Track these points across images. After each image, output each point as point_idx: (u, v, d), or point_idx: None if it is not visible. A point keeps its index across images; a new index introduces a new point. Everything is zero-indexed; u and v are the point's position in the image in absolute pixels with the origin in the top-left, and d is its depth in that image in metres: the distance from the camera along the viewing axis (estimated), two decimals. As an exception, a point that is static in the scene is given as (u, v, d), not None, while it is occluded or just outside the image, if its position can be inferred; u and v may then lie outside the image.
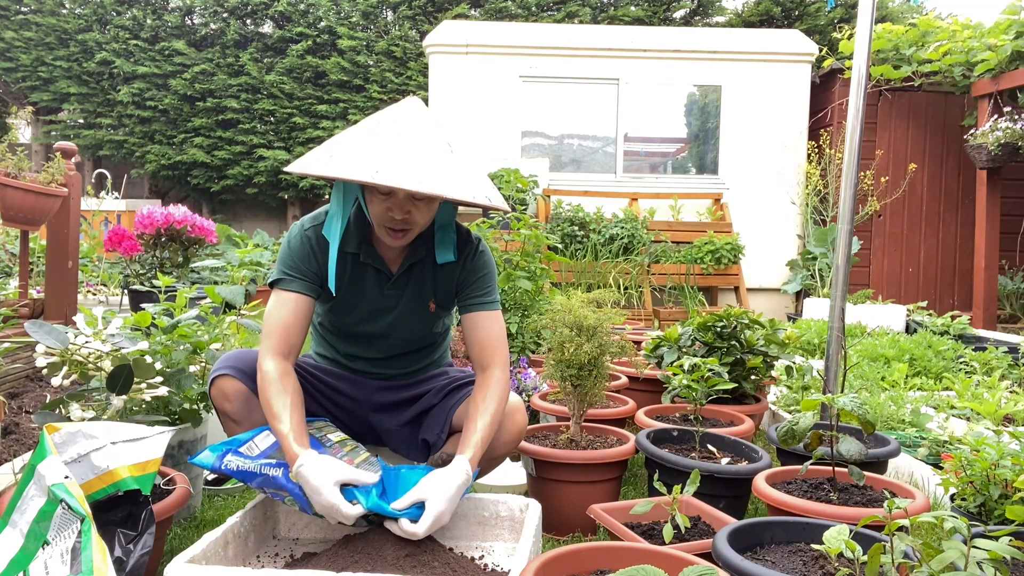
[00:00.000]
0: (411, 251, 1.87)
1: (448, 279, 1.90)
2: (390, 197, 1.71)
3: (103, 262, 6.24)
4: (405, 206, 1.71)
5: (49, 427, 1.52)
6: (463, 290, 1.89)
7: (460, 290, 1.90)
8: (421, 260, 1.88)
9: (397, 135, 1.65)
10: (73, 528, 1.30)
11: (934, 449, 2.55)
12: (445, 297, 1.92)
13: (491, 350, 1.82)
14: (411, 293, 1.89)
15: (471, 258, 1.90)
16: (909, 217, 7.03)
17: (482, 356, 1.82)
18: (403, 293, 1.88)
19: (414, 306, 1.90)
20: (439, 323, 2.01)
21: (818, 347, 4.50)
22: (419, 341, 1.99)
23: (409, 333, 1.94)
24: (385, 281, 1.87)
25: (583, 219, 6.60)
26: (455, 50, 6.96)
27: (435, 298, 1.91)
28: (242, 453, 1.59)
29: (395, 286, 1.88)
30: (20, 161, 3.09)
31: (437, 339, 2.06)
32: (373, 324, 1.91)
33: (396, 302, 1.89)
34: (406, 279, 1.89)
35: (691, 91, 7.40)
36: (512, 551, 1.62)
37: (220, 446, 1.61)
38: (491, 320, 1.86)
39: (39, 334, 1.87)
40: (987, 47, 5.63)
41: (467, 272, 1.89)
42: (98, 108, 9.59)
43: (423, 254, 1.87)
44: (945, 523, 1.18)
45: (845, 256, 2.59)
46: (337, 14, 9.45)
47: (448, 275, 1.90)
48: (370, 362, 1.98)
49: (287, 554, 1.62)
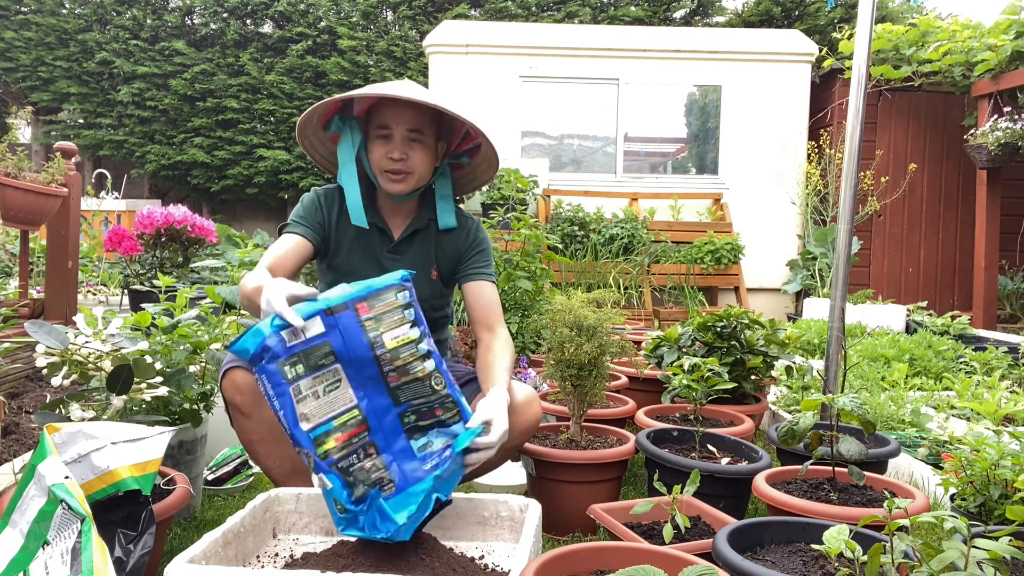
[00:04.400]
0: (415, 218, 2.02)
1: (451, 247, 2.03)
2: (389, 140, 1.89)
3: (103, 262, 6.25)
4: (403, 146, 1.88)
5: (49, 427, 1.52)
6: (464, 260, 2.03)
7: (462, 260, 2.03)
8: (425, 227, 2.02)
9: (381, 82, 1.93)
10: (73, 528, 1.30)
11: (934, 449, 2.55)
12: (447, 267, 2.05)
13: (495, 313, 1.98)
14: (413, 258, 2.02)
15: (474, 230, 2.06)
16: (909, 217, 7.03)
17: (487, 317, 1.96)
18: (404, 257, 2.01)
19: (417, 271, 1.99)
20: (440, 299, 2.09)
21: (818, 347, 4.50)
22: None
23: None
24: (388, 244, 2.01)
25: (583, 219, 6.60)
26: (455, 50, 6.96)
27: (437, 267, 2.03)
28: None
29: (396, 250, 2.01)
30: (20, 161, 3.09)
31: (437, 317, 2.11)
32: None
33: (397, 265, 1.98)
34: (408, 244, 2.02)
35: (691, 91, 7.40)
36: (512, 551, 1.62)
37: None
38: (491, 289, 2.02)
39: (39, 334, 1.87)
40: (987, 47, 5.63)
41: (469, 242, 2.03)
42: (98, 108, 9.59)
43: (425, 223, 2.02)
44: (945, 523, 1.18)
45: (845, 256, 2.59)
46: (337, 14, 9.45)
47: (451, 244, 2.03)
48: None
49: (287, 554, 1.62)
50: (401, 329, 1.46)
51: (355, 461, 1.43)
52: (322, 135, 2.04)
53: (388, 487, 1.45)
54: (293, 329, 1.40)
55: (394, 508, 1.43)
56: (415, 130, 1.90)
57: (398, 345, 1.46)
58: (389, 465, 1.45)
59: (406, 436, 1.48)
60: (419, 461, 1.47)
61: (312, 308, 1.43)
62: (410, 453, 1.47)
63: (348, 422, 1.43)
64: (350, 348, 1.43)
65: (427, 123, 1.92)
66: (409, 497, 1.44)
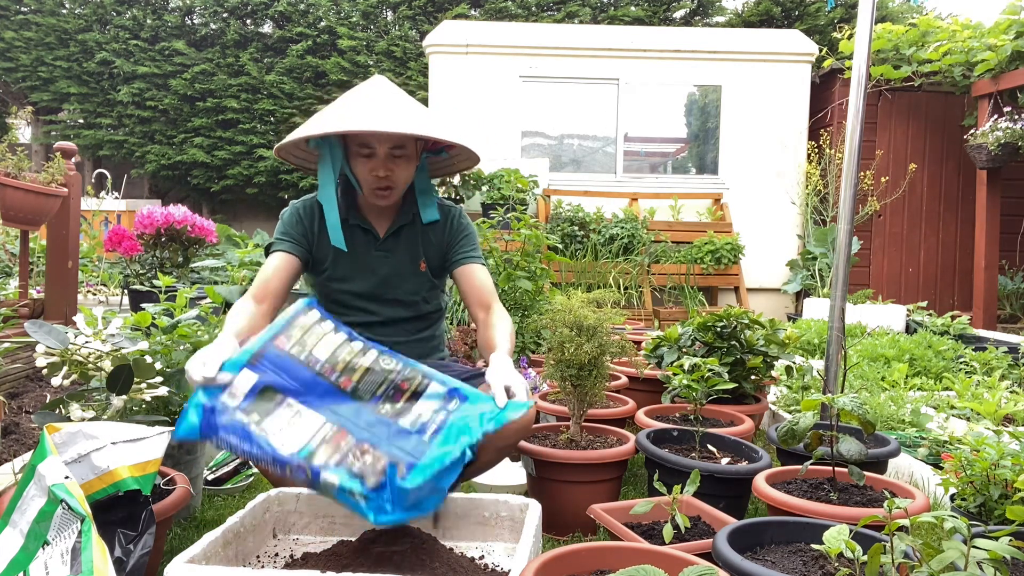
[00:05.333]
0: (398, 216, 2.06)
1: (437, 239, 2.08)
2: (371, 158, 1.91)
3: (103, 262, 6.25)
4: (386, 163, 1.91)
5: (49, 427, 1.52)
6: (452, 247, 2.08)
7: (449, 248, 2.08)
8: (409, 223, 2.07)
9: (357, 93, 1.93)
10: (73, 528, 1.30)
11: (934, 449, 2.55)
12: (435, 259, 2.08)
13: (489, 292, 2.02)
14: (401, 253, 2.06)
15: (456, 218, 2.10)
16: (909, 217, 7.03)
17: (482, 297, 2.01)
18: (392, 254, 2.05)
19: (405, 266, 2.06)
20: (431, 291, 2.12)
21: (818, 347, 4.50)
22: (413, 307, 2.09)
23: (402, 293, 2.06)
24: (374, 242, 2.04)
25: (583, 219, 6.60)
26: (455, 50, 6.96)
27: (425, 259, 2.07)
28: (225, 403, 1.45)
29: (383, 247, 2.05)
30: (20, 161, 3.09)
31: (431, 311, 2.13)
32: (365, 282, 2.03)
33: (386, 262, 2.04)
34: (395, 241, 2.06)
35: (691, 91, 7.40)
36: (512, 551, 1.62)
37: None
38: (483, 271, 2.06)
39: (39, 334, 1.87)
40: (987, 47, 5.63)
41: (453, 231, 2.08)
42: (98, 108, 9.59)
43: (410, 218, 2.06)
44: (945, 523, 1.18)
45: (845, 256, 2.59)
46: (337, 14, 9.45)
47: (436, 235, 2.08)
48: (368, 328, 2.01)
49: (287, 554, 1.62)
50: (327, 339, 1.55)
51: (353, 460, 1.43)
52: (301, 144, 2.04)
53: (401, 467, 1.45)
54: (228, 390, 1.43)
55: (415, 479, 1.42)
56: (398, 147, 1.92)
57: (332, 351, 1.53)
58: (390, 452, 1.44)
59: (392, 421, 1.48)
60: (417, 435, 1.47)
61: (236, 361, 1.48)
62: (405, 432, 1.47)
63: (327, 436, 1.43)
64: (291, 377, 1.49)
65: (408, 137, 1.93)
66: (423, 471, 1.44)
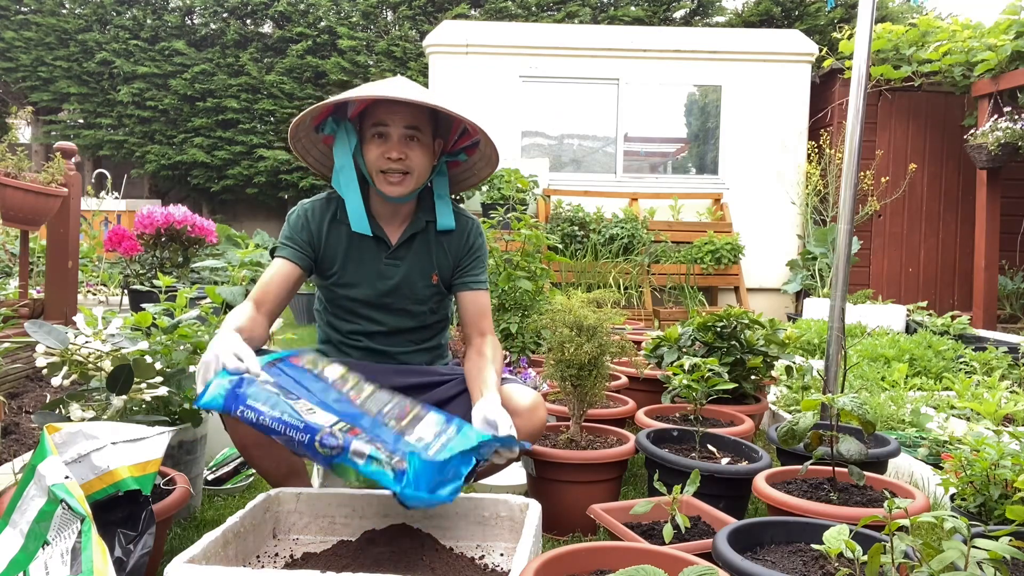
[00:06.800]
0: (412, 222, 2.00)
1: (451, 250, 2.02)
2: (386, 140, 1.86)
3: (103, 262, 6.25)
4: (400, 146, 1.86)
5: (49, 427, 1.52)
6: (462, 266, 2.03)
7: (459, 266, 2.03)
8: (423, 230, 2.00)
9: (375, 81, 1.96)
10: (73, 528, 1.30)
11: (934, 449, 2.55)
12: (445, 269, 2.03)
13: (487, 320, 2.02)
14: (412, 262, 1.99)
15: (473, 234, 2.04)
16: (909, 217, 7.03)
17: (479, 323, 2.00)
18: (403, 263, 1.98)
19: (416, 276, 2.01)
20: (441, 302, 2.08)
21: (818, 347, 4.50)
22: (419, 317, 2.05)
23: (410, 304, 2.01)
24: (385, 250, 1.98)
25: (583, 219, 6.60)
26: (455, 50, 6.96)
27: (438, 271, 2.02)
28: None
29: (395, 256, 1.98)
30: (20, 161, 3.09)
31: (437, 320, 2.10)
32: (372, 290, 1.98)
33: (396, 271, 1.99)
34: (407, 249, 1.99)
35: (691, 91, 7.40)
36: (512, 551, 1.62)
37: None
38: (484, 297, 2.05)
39: (39, 334, 1.87)
40: (987, 47, 5.62)
41: (468, 249, 2.03)
42: (98, 108, 9.59)
43: (423, 225, 1.99)
44: (945, 523, 1.18)
45: (845, 256, 2.59)
46: (337, 14, 9.45)
47: (450, 246, 2.02)
48: (372, 337, 2.01)
49: (287, 554, 1.62)
50: (331, 367, 1.68)
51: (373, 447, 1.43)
52: (315, 137, 2.01)
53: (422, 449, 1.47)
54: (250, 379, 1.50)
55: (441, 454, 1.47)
56: (412, 127, 1.87)
57: (340, 376, 1.66)
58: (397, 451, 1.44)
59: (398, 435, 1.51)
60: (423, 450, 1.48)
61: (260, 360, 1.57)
62: (410, 445, 1.48)
63: (342, 427, 1.45)
64: (305, 383, 1.58)
65: (424, 120, 1.90)
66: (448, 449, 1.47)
